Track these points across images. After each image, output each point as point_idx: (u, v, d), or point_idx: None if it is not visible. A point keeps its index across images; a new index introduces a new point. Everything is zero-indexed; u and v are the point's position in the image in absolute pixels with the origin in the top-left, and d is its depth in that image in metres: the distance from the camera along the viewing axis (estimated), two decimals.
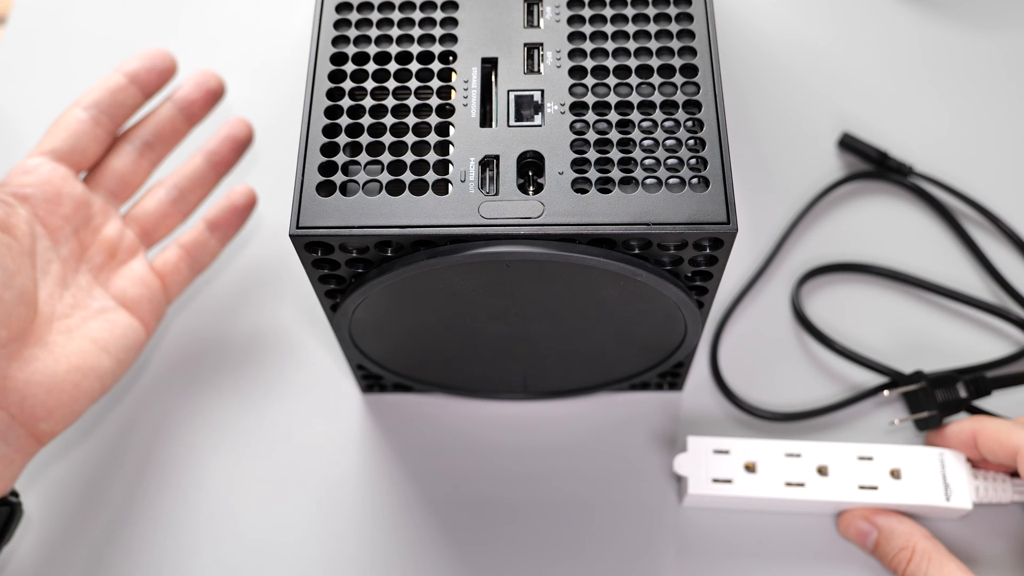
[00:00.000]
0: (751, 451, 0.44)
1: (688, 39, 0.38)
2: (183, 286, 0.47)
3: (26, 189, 0.43)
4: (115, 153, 0.46)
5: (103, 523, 0.46)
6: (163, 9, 0.61)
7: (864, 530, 0.43)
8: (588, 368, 0.46)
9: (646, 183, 0.35)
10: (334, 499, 0.46)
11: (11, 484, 0.40)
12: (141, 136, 0.46)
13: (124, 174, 0.46)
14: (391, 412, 0.49)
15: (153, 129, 0.47)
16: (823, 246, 0.52)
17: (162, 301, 0.46)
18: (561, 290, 0.37)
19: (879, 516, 0.43)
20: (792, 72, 0.58)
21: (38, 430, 0.41)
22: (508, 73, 0.38)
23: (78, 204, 0.44)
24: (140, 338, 0.44)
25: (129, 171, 0.46)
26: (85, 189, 0.44)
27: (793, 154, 0.55)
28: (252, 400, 0.49)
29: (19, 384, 0.40)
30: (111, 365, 0.42)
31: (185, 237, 0.47)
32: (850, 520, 0.44)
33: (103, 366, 0.42)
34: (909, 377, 0.47)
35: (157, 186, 0.47)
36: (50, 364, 0.41)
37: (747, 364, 0.49)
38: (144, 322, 0.44)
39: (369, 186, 0.35)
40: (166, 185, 0.47)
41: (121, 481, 0.47)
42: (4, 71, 0.59)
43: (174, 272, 0.46)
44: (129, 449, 0.48)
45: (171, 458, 0.48)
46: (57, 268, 0.43)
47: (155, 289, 0.45)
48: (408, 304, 0.39)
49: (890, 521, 0.43)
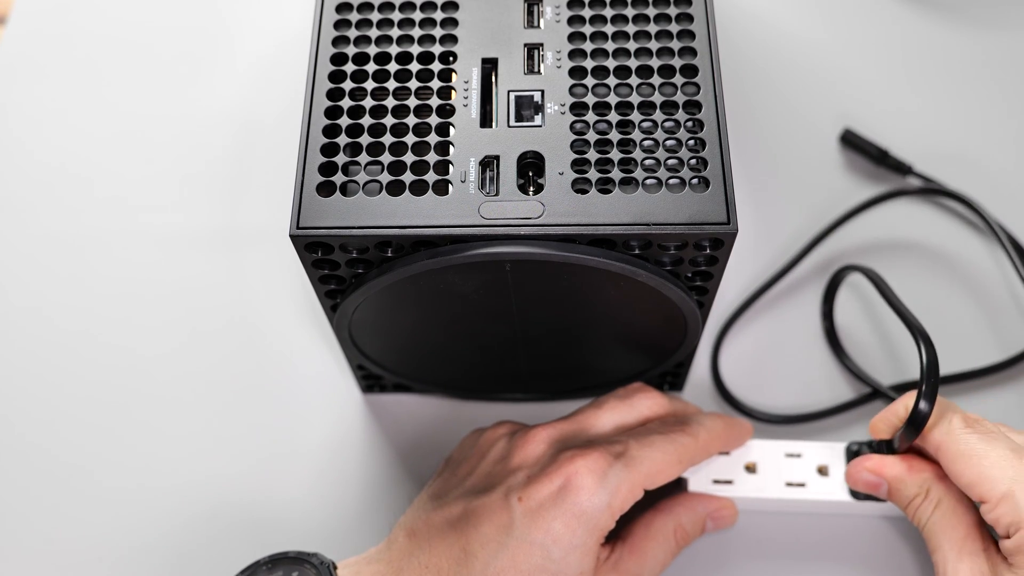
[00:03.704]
0: (751, 451, 0.44)
1: (688, 39, 0.38)
2: None
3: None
4: None
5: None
6: (163, 9, 0.61)
7: (872, 482, 0.42)
8: (588, 368, 0.46)
9: (646, 183, 0.35)
10: (334, 499, 0.46)
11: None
12: None
13: None
14: (391, 412, 0.49)
15: None
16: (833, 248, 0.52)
17: None
18: (561, 290, 0.37)
19: (886, 466, 0.41)
20: (793, 72, 0.58)
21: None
22: (508, 73, 0.38)
23: None
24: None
25: None
26: None
27: (794, 153, 0.55)
28: (252, 400, 0.49)
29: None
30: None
31: None
32: (856, 474, 0.42)
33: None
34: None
35: None
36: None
37: (747, 365, 0.49)
38: None
39: (369, 186, 0.35)
40: None
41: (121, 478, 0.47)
42: (4, 71, 0.59)
43: None
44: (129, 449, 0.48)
45: (171, 458, 0.48)
46: None
47: None
48: (408, 304, 0.39)
49: (896, 468, 0.41)
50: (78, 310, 0.51)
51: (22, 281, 0.52)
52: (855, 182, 0.54)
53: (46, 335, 0.51)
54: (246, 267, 0.52)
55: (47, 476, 0.47)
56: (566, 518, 0.37)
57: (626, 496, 0.38)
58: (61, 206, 0.54)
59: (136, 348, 0.50)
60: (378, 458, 0.47)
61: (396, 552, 0.39)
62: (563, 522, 0.37)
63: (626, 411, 0.42)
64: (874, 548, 0.45)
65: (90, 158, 0.56)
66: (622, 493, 0.38)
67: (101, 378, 0.49)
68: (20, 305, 0.51)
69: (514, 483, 0.38)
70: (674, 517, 0.42)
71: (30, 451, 0.48)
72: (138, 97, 0.58)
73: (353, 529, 0.46)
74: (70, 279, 0.52)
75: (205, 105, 0.57)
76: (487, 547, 0.37)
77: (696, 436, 0.40)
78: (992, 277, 0.51)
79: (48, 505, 0.46)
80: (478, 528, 0.38)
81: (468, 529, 0.38)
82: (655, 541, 0.41)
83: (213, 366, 0.50)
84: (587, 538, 0.37)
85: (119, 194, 0.54)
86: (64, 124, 0.57)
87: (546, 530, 0.37)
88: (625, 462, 0.38)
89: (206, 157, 0.56)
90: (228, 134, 0.56)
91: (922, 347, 0.39)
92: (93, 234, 0.53)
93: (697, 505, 0.43)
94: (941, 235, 0.52)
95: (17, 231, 0.54)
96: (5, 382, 0.50)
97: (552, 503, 0.37)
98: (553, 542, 0.37)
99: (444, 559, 0.38)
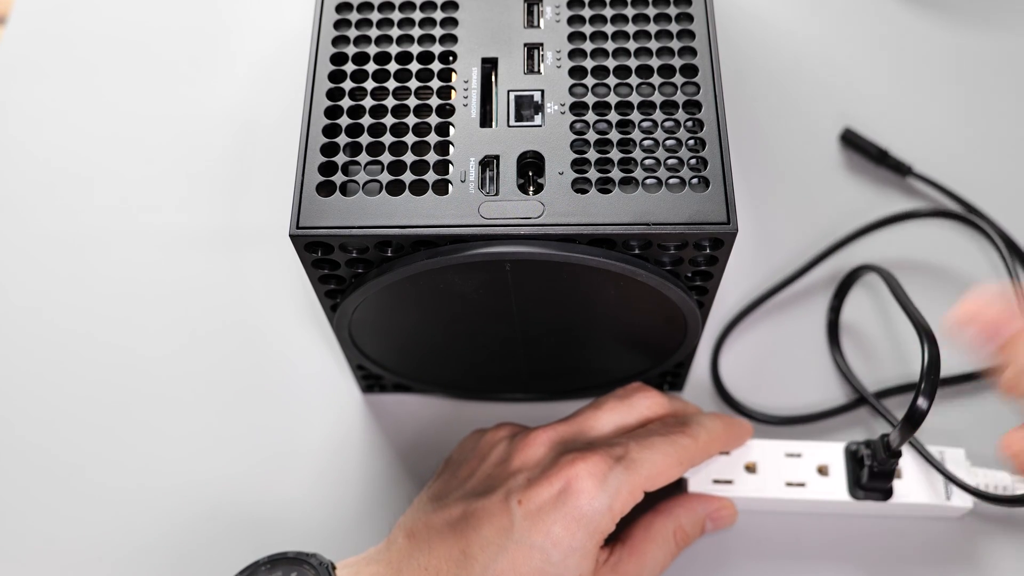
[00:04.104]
0: (751, 451, 0.44)
1: (688, 39, 0.38)
2: None
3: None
4: None
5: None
6: (163, 9, 0.61)
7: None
8: (588, 368, 0.46)
9: (646, 183, 0.35)
10: (334, 499, 0.46)
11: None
12: None
13: None
14: (391, 412, 0.49)
15: None
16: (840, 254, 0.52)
17: None
18: (561, 290, 0.37)
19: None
20: (793, 71, 0.58)
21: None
22: (508, 73, 0.38)
23: None
24: None
25: None
26: None
27: (794, 153, 0.55)
28: (252, 400, 0.49)
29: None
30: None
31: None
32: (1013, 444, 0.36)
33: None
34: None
35: None
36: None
37: (747, 365, 0.49)
38: None
39: (369, 186, 0.35)
40: None
41: (119, 477, 0.47)
42: (4, 71, 0.59)
43: None
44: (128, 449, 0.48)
45: (171, 458, 0.48)
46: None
47: None
48: (408, 304, 0.39)
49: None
50: (78, 310, 0.51)
51: (22, 281, 0.52)
52: (855, 182, 0.54)
53: (46, 335, 0.51)
54: (246, 267, 0.52)
55: (47, 476, 0.47)
56: (566, 521, 0.37)
57: (626, 499, 0.38)
58: (61, 206, 0.54)
59: (136, 348, 0.50)
60: (378, 458, 0.47)
61: (395, 553, 0.39)
62: (563, 525, 0.37)
63: (626, 412, 0.42)
64: (874, 548, 0.45)
65: (90, 158, 0.56)
66: (622, 496, 0.38)
67: (101, 378, 0.49)
68: (20, 305, 0.51)
69: (514, 486, 0.38)
70: (673, 518, 0.42)
71: (30, 451, 0.48)
72: (138, 97, 0.58)
73: (353, 529, 0.46)
74: (70, 279, 0.52)
75: (205, 105, 0.57)
76: (487, 550, 0.37)
77: (696, 437, 0.40)
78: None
79: (48, 505, 0.46)
80: (478, 530, 0.37)
81: (468, 531, 0.38)
82: (654, 543, 0.41)
83: (213, 366, 0.50)
84: (587, 541, 0.37)
85: (119, 194, 0.54)
86: (64, 124, 0.57)
87: (546, 533, 0.37)
88: (626, 465, 0.38)
89: (206, 157, 0.56)
90: (228, 134, 0.56)
91: (925, 344, 0.38)
92: (93, 234, 0.53)
93: (696, 506, 0.42)
94: (950, 252, 0.52)
95: (16, 231, 0.54)
96: (5, 382, 0.50)
97: (552, 506, 0.37)
98: (553, 545, 0.37)
99: (443, 561, 0.38)
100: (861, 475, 0.42)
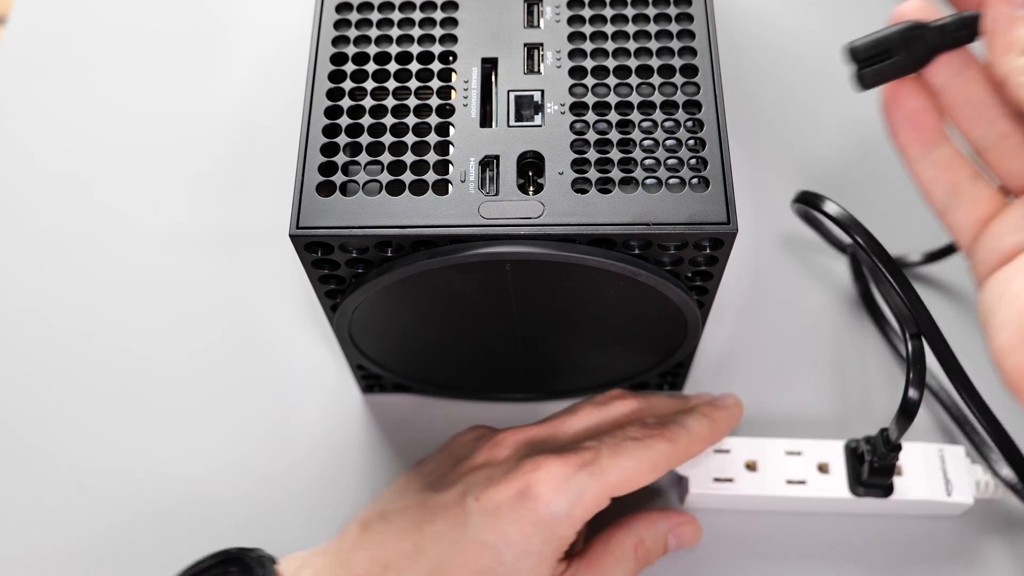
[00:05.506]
0: (752, 450, 0.44)
1: (688, 39, 0.38)
2: None
3: None
4: None
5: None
6: (163, 9, 0.61)
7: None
8: (588, 368, 0.46)
9: (646, 183, 0.35)
10: (334, 499, 0.46)
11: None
12: None
13: None
14: (391, 412, 0.49)
15: None
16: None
17: None
18: (561, 290, 0.37)
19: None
20: (793, 71, 0.58)
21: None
22: (508, 73, 0.38)
23: None
24: None
25: None
26: None
27: (795, 153, 0.55)
28: (252, 400, 0.49)
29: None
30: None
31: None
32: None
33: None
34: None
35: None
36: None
37: (748, 364, 0.49)
38: None
39: (369, 186, 0.35)
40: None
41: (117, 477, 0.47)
42: (4, 71, 0.59)
43: None
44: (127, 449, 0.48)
45: (170, 458, 0.48)
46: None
47: None
48: (408, 304, 0.39)
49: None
50: (77, 311, 0.51)
51: (20, 282, 0.52)
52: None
53: (44, 336, 0.51)
54: (246, 267, 0.52)
55: (46, 477, 0.47)
56: (521, 524, 0.36)
57: (588, 505, 0.37)
58: (60, 207, 0.54)
59: (135, 349, 0.50)
60: (378, 458, 0.47)
61: (346, 544, 0.38)
62: (518, 527, 0.36)
63: (601, 417, 0.41)
64: (874, 547, 0.45)
65: (90, 159, 0.56)
66: (584, 502, 0.37)
67: (100, 379, 0.49)
68: (18, 306, 0.51)
69: (473, 482, 0.38)
70: (633, 533, 0.41)
71: (29, 452, 0.48)
72: (137, 97, 0.58)
73: None
74: (69, 280, 0.52)
75: (205, 106, 0.57)
76: (439, 544, 0.36)
77: (675, 441, 0.39)
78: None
79: (47, 505, 0.46)
80: (432, 524, 0.37)
81: (422, 525, 0.37)
82: (613, 557, 0.40)
83: (212, 366, 0.50)
84: (543, 547, 0.36)
85: (118, 194, 0.54)
86: (63, 125, 0.57)
87: (500, 533, 0.36)
88: (591, 470, 0.37)
89: (206, 157, 0.56)
90: (228, 135, 0.56)
91: (908, 336, 0.38)
92: (92, 235, 0.53)
93: (657, 520, 0.41)
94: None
95: (15, 232, 0.54)
96: (4, 383, 0.50)
97: (509, 507, 0.36)
98: (506, 545, 0.36)
99: (393, 553, 0.37)
100: (861, 471, 0.42)
